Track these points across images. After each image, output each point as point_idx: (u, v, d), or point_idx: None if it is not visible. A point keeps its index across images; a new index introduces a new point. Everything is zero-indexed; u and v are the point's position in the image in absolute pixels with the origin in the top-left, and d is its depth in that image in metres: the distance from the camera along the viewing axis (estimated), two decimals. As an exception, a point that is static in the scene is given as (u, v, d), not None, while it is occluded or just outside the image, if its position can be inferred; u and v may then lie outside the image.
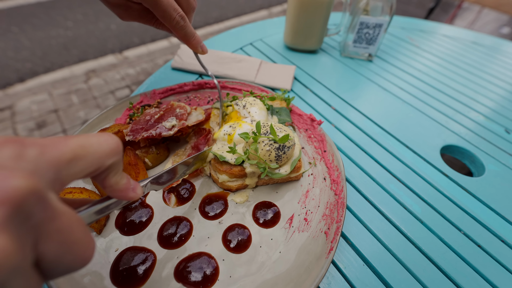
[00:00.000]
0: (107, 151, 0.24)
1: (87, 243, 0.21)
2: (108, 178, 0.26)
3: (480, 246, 0.51)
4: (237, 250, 0.45)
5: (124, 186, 0.28)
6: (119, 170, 0.27)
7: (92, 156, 0.23)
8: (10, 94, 2.43)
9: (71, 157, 0.21)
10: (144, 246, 0.45)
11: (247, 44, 1.01)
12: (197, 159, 0.51)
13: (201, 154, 0.52)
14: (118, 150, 0.25)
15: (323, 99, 0.80)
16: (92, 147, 0.23)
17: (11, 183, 0.16)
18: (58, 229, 0.19)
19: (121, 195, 0.29)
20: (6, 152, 0.18)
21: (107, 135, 0.25)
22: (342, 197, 0.50)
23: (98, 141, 0.23)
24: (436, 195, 0.58)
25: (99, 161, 0.23)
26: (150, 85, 0.77)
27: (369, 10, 0.88)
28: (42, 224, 0.18)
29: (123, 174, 0.28)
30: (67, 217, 0.20)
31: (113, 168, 0.26)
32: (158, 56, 2.95)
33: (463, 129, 0.75)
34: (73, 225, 0.20)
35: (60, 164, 0.20)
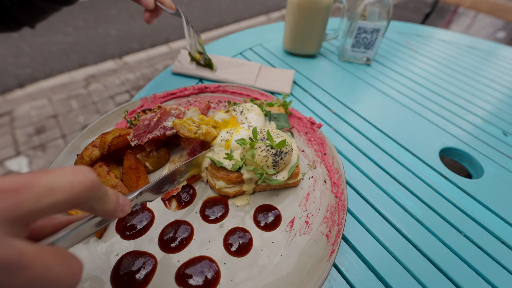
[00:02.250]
0: (80, 191, 0.22)
1: (69, 273, 0.21)
2: (93, 208, 0.26)
3: (480, 247, 0.51)
4: (238, 254, 0.45)
5: (111, 211, 0.28)
6: (103, 200, 0.26)
7: (62, 199, 0.21)
8: (9, 99, 2.43)
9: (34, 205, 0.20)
10: (145, 251, 0.45)
11: (247, 49, 1.02)
12: (190, 165, 0.51)
13: (195, 160, 0.51)
14: (93, 186, 0.23)
15: (323, 103, 0.81)
16: (62, 190, 0.21)
17: None
18: (30, 277, 0.19)
19: (109, 217, 0.29)
20: None
21: (81, 174, 0.23)
22: (343, 199, 0.50)
23: (71, 183, 0.22)
24: (436, 197, 0.58)
25: (71, 202, 0.22)
26: (151, 89, 0.77)
27: (366, 16, 0.89)
28: (5, 282, 0.18)
29: (109, 199, 0.27)
30: (39, 262, 0.19)
31: (95, 201, 0.25)
32: (157, 62, 2.97)
33: (461, 132, 0.76)
34: (49, 265, 0.20)
35: (17, 214, 0.19)
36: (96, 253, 0.44)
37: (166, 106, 0.63)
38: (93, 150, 0.51)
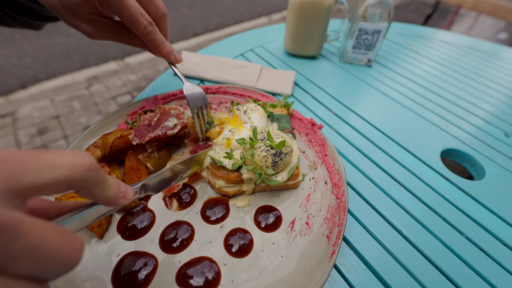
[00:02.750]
0: (80, 171, 0.23)
1: (69, 248, 0.21)
2: (93, 194, 0.26)
3: (482, 249, 0.51)
4: (239, 255, 0.45)
5: (112, 198, 0.28)
6: (102, 185, 0.26)
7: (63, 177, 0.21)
8: (12, 100, 2.45)
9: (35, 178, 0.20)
10: (145, 251, 0.45)
11: (248, 50, 1.02)
12: (193, 162, 0.51)
13: (197, 157, 0.52)
14: (92, 168, 0.24)
15: (324, 104, 0.81)
16: (63, 167, 0.22)
17: None
18: (27, 246, 0.18)
19: (111, 205, 0.29)
20: None
21: (81, 156, 0.23)
22: (344, 200, 0.50)
23: (71, 162, 0.22)
24: (437, 199, 0.58)
25: (71, 181, 0.22)
26: (152, 91, 0.78)
27: (367, 17, 0.89)
28: (3, 247, 0.18)
29: (109, 185, 0.27)
30: (37, 231, 0.19)
31: (94, 184, 0.25)
32: (159, 63, 2.98)
33: (463, 133, 0.76)
34: (47, 237, 0.20)
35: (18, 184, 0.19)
36: (97, 253, 0.44)
37: (164, 106, 0.63)
38: (95, 150, 0.52)
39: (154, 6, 0.49)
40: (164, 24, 0.52)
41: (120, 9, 0.45)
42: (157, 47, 0.52)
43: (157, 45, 0.51)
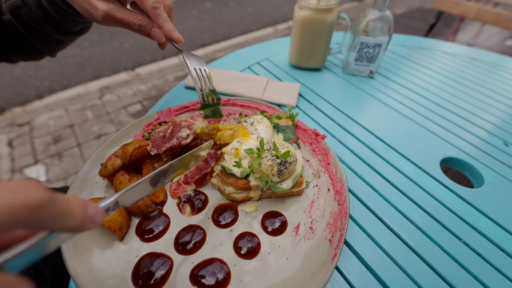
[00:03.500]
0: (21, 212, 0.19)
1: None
2: (51, 228, 0.23)
3: (479, 254, 0.53)
4: (247, 257, 0.49)
5: (78, 226, 0.24)
6: (62, 217, 0.22)
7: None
8: (28, 110, 2.57)
9: None
10: (162, 252, 0.49)
11: (255, 63, 1.08)
12: (176, 166, 0.49)
13: (180, 160, 0.50)
14: (40, 207, 0.20)
15: (327, 115, 0.85)
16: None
17: None
18: None
19: (77, 232, 0.25)
20: None
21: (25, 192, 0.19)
22: (345, 207, 0.53)
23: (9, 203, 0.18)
24: (436, 206, 0.61)
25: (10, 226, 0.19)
26: (165, 103, 0.83)
27: (369, 31, 0.94)
28: None
29: (72, 213, 0.23)
30: None
31: (50, 220, 0.21)
32: (168, 73, 3.09)
33: (463, 142, 0.78)
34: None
35: None
36: (118, 253, 0.48)
37: (175, 118, 0.68)
38: (115, 160, 0.57)
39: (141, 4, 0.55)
40: (170, 13, 0.58)
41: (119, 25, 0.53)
42: (162, 22, 0.55)
43: (162, 21, 0.55)
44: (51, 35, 0.65)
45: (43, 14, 0.59)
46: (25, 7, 0.58)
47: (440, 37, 4.00)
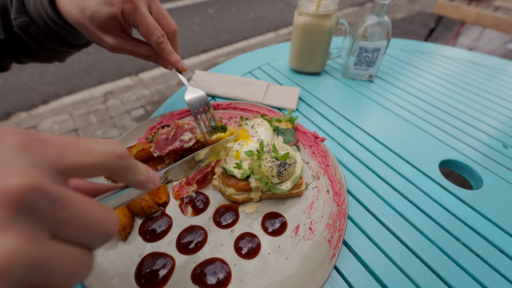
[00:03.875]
0: (113, 158, 0.26)
1: (106, 220, 0.24)
2: (125, 178, 0.29)
3: (478, 255, 0.53)
4: (248, 256, 0.50)
5: (143, 182, 0.31)
6: (134, 171, 0.29)
7: (98, 162, 0.25)
8: (34, 115, 2.61)
9: (76, 160, 0.23)
10: (164, 252, 0.50)
11: (255, 68, 1.10)
12: (210, 152, 0.55)
13: (213, 147, 0.56)
14: (123, 156, 0.27)
15: (327, 118, 0.86)
16: (99, 153, 0.25)
17: (8, 182, 0.18)
18: (73, 215, 0.21)
19: (142, 188, 0.32)
20: (11, 140, 0.20)
21: (115, 145, 0.26)
22: (344, 208, 0.54)
23: (106, 150, 0.25)
24: (435, 207, 0.61)
25: (105, 166, 0.25)
26: (168, 107, 0.85)
27: (367, 36, 0.95)
28: (53, 215, 0.20)
29: (140, 171, 0.30)
30: (80, 203, 0.22)
31: (126, 170, 0.28)
32: (171, 78, 3.12)
33: (462, 145, 0.79)
34: (88, 209, 0.22)
35: (62, 164, 0.22)
36: (122, 253, 0.49)
37: (178, 121, 0.69)
38: (119, 162, 0.58)
39: (166, 23, 0.59)
40: (174, 38, 0.61)
41: (139, 22, 0.54)
42: (166, 55, 0.59)
43: (167, 54, 0.59)
44: (59, 48, 0.68)
45: (51, 31, 0.61)
46: (34, 25, 0.60)
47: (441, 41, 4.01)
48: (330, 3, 0.88)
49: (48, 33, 0.62)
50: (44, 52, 0.69)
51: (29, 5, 0.59)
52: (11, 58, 0.71)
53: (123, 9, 0.53)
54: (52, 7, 0.57)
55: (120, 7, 0.53)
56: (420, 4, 5.20)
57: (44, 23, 0.60)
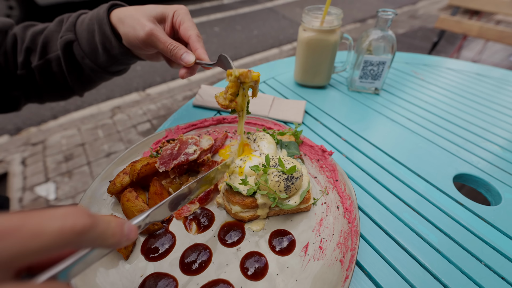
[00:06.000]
0: (71, 235, 0.22)
1: None
2: (93, 246, 0.26)
3: (503, 278, 0.49)
4: (254, 278, 0.47)
5: (115, 244, 0.27)
6: (102, 237, 0.26)
7: (51, 243, 0.22)
8: (43, 130, 2.66)
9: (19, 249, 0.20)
10: (166, 272, 0.48)
11: (261, 82, 1.10)
12: (202, 182, 0.50)
13: (205, 177, 0.51)
14: (85, 231, 0.23)
15: (334, 131, 0.85)
16: (51, 235, 0.21)
17: None
18: None
19: (114, 248, 0.29)
20: None
21: (73, 218, 0.23)
22: (356, 225, 0.51)
23: (60, 228, 0.22)
24: (452, 224, 0.58)
25: (61, 247, 0.22)
26: (174, 121, 0.85)
27: (372, 50, 0.95)
28: None
29: (111, 232, 0.27)
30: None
31: (92, 241, 0.25)
32: (177, 93, 3.18)
33: (475, 158, 0.76)
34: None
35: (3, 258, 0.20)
36: (123, 273, 0.47)
37: (181, 136, 0.69)
38: (124, 177, 0.57)
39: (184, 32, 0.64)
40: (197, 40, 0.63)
41: (155, 46, 0.63)
42: (198, 46, 0.63)
43: (201, 46, 0.63)
44: (86, 70, 0.72)
45: (89, 49, 0.67)
46: (77, 42, 0.67)
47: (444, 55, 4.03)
48: (334, 18, 0.89)
49: (86, 51, 0.68)
50: (70, 77, 0.72)
51: (81, 25, 0.67)
52: (32, 95, 0.76)
53: (176, 10, 0.64)
54: None
55: (173, 10, 0.65)
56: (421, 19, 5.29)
57: (86, 38, 0.66)
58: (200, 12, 5.30)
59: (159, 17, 0.64)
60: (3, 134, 2.59)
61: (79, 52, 0.68)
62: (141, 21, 0.61)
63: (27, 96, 0.77)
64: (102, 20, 0.64)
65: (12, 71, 0.70)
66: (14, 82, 0.71)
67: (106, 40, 0.65)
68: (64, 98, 0.81)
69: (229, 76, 0.54)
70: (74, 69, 0.71)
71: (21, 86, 0.73)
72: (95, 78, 0.76)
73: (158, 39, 0.61)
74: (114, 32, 0.65)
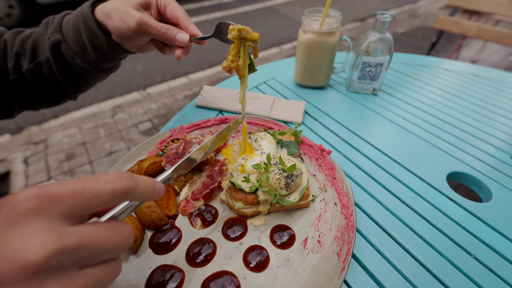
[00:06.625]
0: (119, 194, 0.29)
1: (121, 239, 0.29)
2: (134, 200, 0.33)
3: (491, 270, 0.52)
4: (256, 270, 0.50)
5: (148, 198, 0.34)
6: (140, 195, 0.32)
7: (107, 201, 0.28)
8: (45, 129, 2.68)
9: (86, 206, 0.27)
10: (173, 264, 0.50)
11: (262, 83, 1.13)
12: (218, 138, 0.58)
13: (220, 133, 0.58)
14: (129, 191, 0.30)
15: (332, 131, 0.88)
16: (106, 195, 0.28)
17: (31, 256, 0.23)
18: (93, 250, 0.26)
19: (148, 201, 0.37)
20: (25, 206, 0.25)
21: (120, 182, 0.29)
22: (352, 220, 0.54)
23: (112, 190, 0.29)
24: (444, 220, 0.61)
25: (114, 201, 0.29)
26: (178, 121, 0.88)
27: (370, 52, 0.98)
28: (76, 258, 0.25)
29: (146, 190, 0.33)
30: (96, 238, 0.27)
31: (133, 197, 0.31)
32: (177, 92, 3.20)
33: (468, 157, 0.79)
34: (104, 238, 0.27)
35: (75, 212, 0.26)
36: (133, 266, 0.50)
37: (186, 135, 0.72)
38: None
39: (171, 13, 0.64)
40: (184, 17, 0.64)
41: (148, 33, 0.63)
42: (189, 24, 0.64)
43: (190, 23, 0.64)
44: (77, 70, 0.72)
45: (78, 48, 0.67)
46: (64, 42, 0.67)
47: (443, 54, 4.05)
48: (333, 21, 0.92)
49: (75, 50, 0.68)
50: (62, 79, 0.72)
51: (67, 25, 0.67)
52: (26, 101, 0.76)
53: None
54: None
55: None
56: (421, 18, 5.31)
57: (74, 38, 0.66)
58: (200, 11, 5.31)
59: (143, 4, 0.64)
60: (5, 133, 2.61)
61: (68, 52, 0.68)
62: (129, 12, 0.61)
63: (21, 103, 0.77)
64: (86, 16, 0.64)
65: (4, 76, 0.70)
66: (6, 88, 0.71)
67: (93, 36, 0.65)
68: (58, 102, 0.81)
69: (231, 31, 0.55)
70: (65, 71, 0.71)
71: (14, 92, 0.73)
72: (88, 78, 0.76)
73: (150, 25, 0.61)
74: (100, 27, 0.65)
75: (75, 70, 0.72)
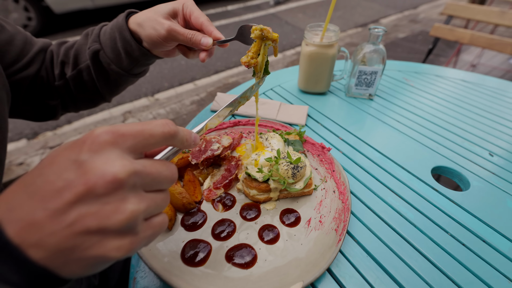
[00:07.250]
0: (168, 137, 0.35)
1: (170, 173, 0.36)
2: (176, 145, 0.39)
3: (464, 244, 0.63)
4: (269, 243, 0.61)
5: (187, 146, 0.40)
6: (181, 142, 0.37)
7: (159, 141, 0.34)
8: (59, 134, 2.83)
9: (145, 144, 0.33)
10: (202, 239, 0.62)
11: (268, 89, 1.25)
12: (240, 98, 0.63)
13: (243, 94, 0.63)
14: (175, 134, 0.35)
15: (332, 132, 0.99)
16: (159, 135, 0.34)
17: (116, 172, 0.28)
18: (153, 178, 0.33)
19: (187, 148, 0.42)
20: (104, 139, 0.30)
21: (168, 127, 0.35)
22: (347, 204, 0.66)
23: (162, 132, 0.34)
24: (427, 205, 0.72)
25: (163, 143, 0.35)
26: (195, 124, 1.00)
27: (366, 61, 1.10)
28: (143, 182, 0.32)
29: (186, 138, 0.38)
30: (154, 169, 0.33)
31: (177, 142, 0.37)
32: (185, 98, 3.34)
33: (452, 153, 0.90)
34: (160, 170, 0.34)
35: (138, 148, 0.32)
36: (169, 239, 0.62)
37: (205, 136, 0.84)
38: (163, 168, 0.72)
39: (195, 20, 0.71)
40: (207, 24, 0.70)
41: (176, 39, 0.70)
42: (212, 29, 0.71)
43: (213, 28, 0.71)
44: (112, 75, 0.81)
45: (114, 55, 0.77)
46: (102, 50, 0.77)
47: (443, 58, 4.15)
48: (332, 35, 1.04)
49: (110, 57, 0.77)
50: (100, 83, 0.82)
51: (104, 35, 0.76)
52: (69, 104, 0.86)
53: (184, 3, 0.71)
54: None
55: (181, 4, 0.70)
56: (421, 23, 5.42)
57: (110, 46, 0.75)
58: (205, 19, 5.48)
59: (171, 13, 0.70)
60: (22, 139, 2.77)
61: (105, 59, 0.76)
62: (159, 21, 0.68)
63: (64, 106, 0.86)
64: (121, 27, 0.73)
65: (51, 83, 0.80)
66: (52, 93, 0.81)
67: (127, 44, 0.73)
68: (95, 104, 0.91)
69: (254, 31, 0.62)
70: (102, 76, 0.80)
71: (59, 96, 0.83)
72: (121, 82, 0.84)
73: (178, 32, 0.67)
74: (133, 36, 0.74)
75: (110, 75, 0.81)
